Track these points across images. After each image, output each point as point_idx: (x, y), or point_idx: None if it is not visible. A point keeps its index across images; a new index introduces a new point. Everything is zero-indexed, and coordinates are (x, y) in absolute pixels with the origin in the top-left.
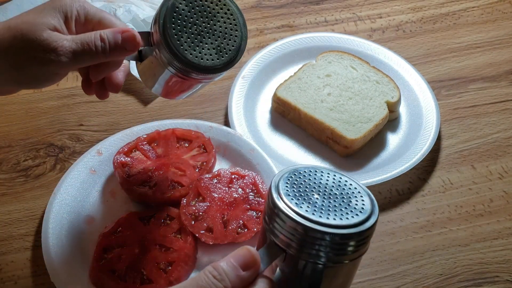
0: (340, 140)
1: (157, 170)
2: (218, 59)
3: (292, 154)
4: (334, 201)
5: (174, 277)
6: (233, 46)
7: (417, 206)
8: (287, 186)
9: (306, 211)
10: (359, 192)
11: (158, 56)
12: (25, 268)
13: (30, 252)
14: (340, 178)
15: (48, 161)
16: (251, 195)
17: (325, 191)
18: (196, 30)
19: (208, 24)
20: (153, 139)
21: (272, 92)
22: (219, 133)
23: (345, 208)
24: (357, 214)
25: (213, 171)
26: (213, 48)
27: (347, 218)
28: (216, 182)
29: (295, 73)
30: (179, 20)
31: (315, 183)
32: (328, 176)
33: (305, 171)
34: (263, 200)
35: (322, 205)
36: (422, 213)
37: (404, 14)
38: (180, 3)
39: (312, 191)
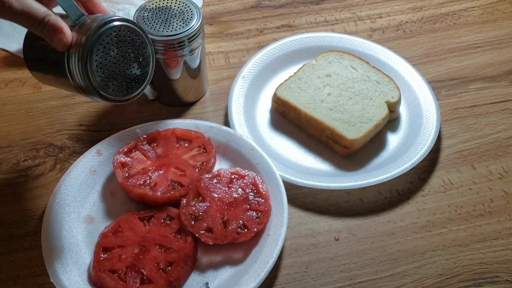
0: (340, 140)
1: (157, 170)
2: (122, 95)
3: (292, 154)
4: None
5: (174, 277)
6: (137, 88)
7: (417, 206)
8: None
9: None
10: None
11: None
12: (25, 268)
13: (30, 252)
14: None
15: (48, 161)
16: (251, 195)
17: None
18: (114, 65)
19: (125, 63)
20: (153, 139)
21: (272, 92)
22: (219, 133)
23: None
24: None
25: (213, 171)
26: (121, 87)
27: None
28: (216, 182)
29: (295, 73)
30: (101, 55)
31: None
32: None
33: None
34: (263, 200)
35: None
36: (422, 213)
37: (404, 14)
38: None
39: None
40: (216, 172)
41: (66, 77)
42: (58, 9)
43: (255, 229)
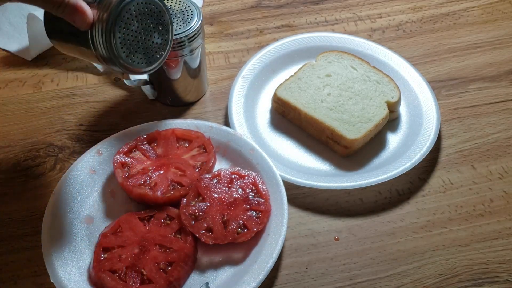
0: (340, 140)
1: (157, 170)
2: (145, 65)
3: (292, 154)
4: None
5: (174, 277)
6: (159, 57)
7: (417, 206)
8: None
9: None
10: None
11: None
12: (25, 268)
13: (30, 252)
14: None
15: (48, 161)
16: (251, 195)
17: None
18: (135, 38)
19: (145, 34)
20: (153, 139)
21: (272, 92)
22: (219, 133)
23: None
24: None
25: (213, 171)
26: (144, 58)
27: None
28: (216, 182)
29: (295, 73)
30: (124, 27)
31: None
32: None
33: None
34: (263, 200)
35: None
36: (422, 213)
37: (404, 14)
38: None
39: None
40: (216, 172)
41: (89, 48)
42: None
43: (255, 229)
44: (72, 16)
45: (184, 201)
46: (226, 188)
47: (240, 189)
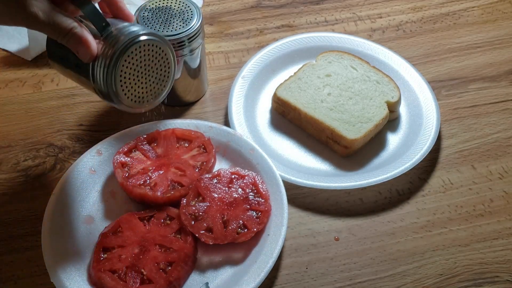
0: (340, 140)
1: (157, 170)
2: (138, 105)
3: (292, 154)
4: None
5: (174, 277)
6: (153, 100)
7: (417, 206)
8: None
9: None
10: None
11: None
12: (25, 268)
13: (30, 252)
14: None
15: (48, 161)
16: (251, 195)
17: None
18: (136, 77)
19: (147, 74)
20: (153, 139)
21: (272, 92)
22: (219, 133)
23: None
24: None
25: (213, 171)
26: (139, 97)
27: None
28: (216, 182)
29: (295, 73)
30: (128, 66)
31: None
32: None
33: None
34: (263, 200)
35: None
36: (422, 213)
37: (404, 14)
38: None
39: None
40: (216, 172)
41: (89, 79)
42: None
43: (255, 229)
44: (76, 47)
45: (184, 201)
46: (226, 188)
47: (240, 189)
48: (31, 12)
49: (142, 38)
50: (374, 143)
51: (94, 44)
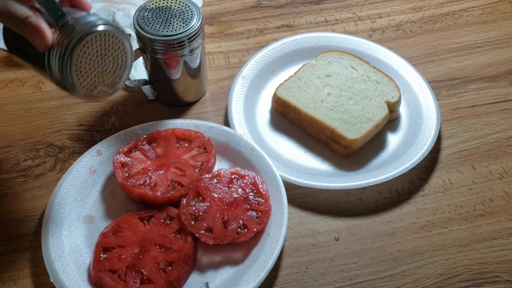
0: (340, 140)
1: (157, 170)
2: (94, 92)
3: (292, 154)
4: None
5: (174, 277)
6: (109, 90)
7: (417, 206)
8: None
9: None
10: None
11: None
12: (25, 268)
13: (30, 252)
14: None
15: (48, 161)
16: (251, 195)
17: None
18: (92, 67)
19: (103, 64)
20: (153, 139)
21: (272, 92)
22: (219, 133)
23: None
24: None
25: (213, 171)
26: (95, 86)
27: None
28: (216, 182)
29: (295, 73)
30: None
31: None
32: None
33: None
34: (263, 200)
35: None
36: (422, 213)
37: (404, 14)
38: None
39: None
40: (216, 172)
41: (45, 69)
42: None
43: (255, 229)
44: (32, 35)
45: (184, 201)
46: (226, 188)
47: (240, 189)
48: None
49: (98, 28)
50: (374, 143)
51: (49, 33)
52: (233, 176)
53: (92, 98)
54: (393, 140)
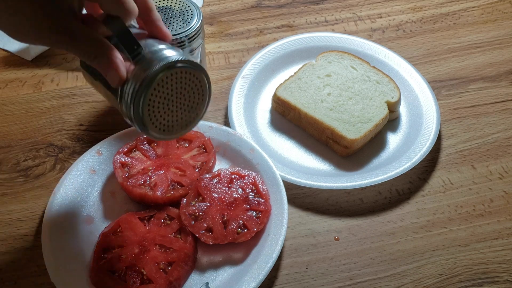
0: (340, 140)
1: (157, 170)
2: (165, 133)
3: (292, 154)
4: None
5: (174, 277)
6: (182, 129)
7: (417, 206)
8: None
9: None
10: None
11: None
12: (25, 268)
13: (30, 252)
14: None
15: (48, 161)
16: (251, 195)
17: None
18: (166, 105)
19: (178, 102)
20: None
21: (272, 92)
22: (219, 133)
23: None
24: None
25: (213, 171)
26: (166, 126)
27: None
28: (216, 182)
29: (295, 73)
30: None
31: None
32: None
33: None
34: (263, 200)
35: None
36: (422, 213)
37: (404, 14)
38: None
39: None
40: (216, 172)
41: (116, 97)
42: None
43: (255, 229)
44: (105, 70)
45: (184, 201)
46: (226, 188)
47: (240, 189)
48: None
49: (177, 65)
50: (374, 143)
51: (123, 69)
52: (233, 176)
53: (163, 139)
54: (393, 140)
